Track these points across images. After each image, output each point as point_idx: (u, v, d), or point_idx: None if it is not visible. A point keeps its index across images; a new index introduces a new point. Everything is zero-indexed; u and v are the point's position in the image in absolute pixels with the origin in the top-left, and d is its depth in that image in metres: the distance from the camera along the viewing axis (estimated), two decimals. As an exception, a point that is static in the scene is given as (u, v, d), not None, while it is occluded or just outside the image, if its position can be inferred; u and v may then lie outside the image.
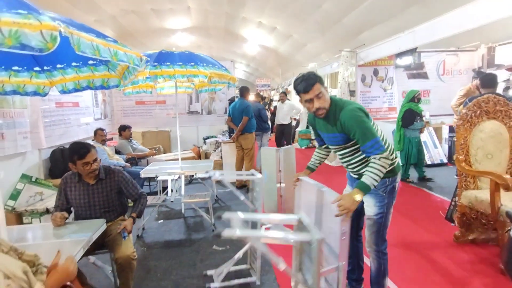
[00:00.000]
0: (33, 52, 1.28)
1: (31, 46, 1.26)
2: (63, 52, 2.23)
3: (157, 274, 2.71)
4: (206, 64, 3.46)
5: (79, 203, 2.31)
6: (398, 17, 6.04)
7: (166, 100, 7.13)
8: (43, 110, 4.34)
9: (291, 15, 8.36)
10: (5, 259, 1.21)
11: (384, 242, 1.95)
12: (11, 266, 1.19)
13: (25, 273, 1.22)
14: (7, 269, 1.16)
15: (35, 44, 1.26)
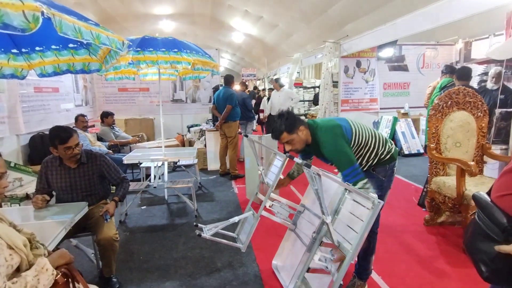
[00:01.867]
0: (16, 32, 1.29)
1: (13, 26, 1.27)
2: (42, 34, 2.21)
3: (140, 257, 2.77)
4: (190, 51, 3.46)
5: (60, 187, 2.32)
6: (381, 10, 6.18)
7: (150, 87, 7.05)
8: (21, 95, 4.23)
9: (277, 3, 8.35)
10: (9, 231, 1.26)
11: (377, 222, 2.07)
12: (14, 238, 1.24)
13: (25, 246, 1.27)
14: (10, 240, 1.21)
15: (17, 24, 1.28)
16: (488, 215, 1.03)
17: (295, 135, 1.88)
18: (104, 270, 2.28)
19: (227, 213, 3.73)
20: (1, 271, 1.16)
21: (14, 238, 1.26)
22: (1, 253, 1.18)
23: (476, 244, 1.06)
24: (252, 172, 3.98)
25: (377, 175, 2.00)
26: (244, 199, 4.15)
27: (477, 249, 1.05)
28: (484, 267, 1.02)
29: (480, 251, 1.04)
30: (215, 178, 5.23)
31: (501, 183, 1.06)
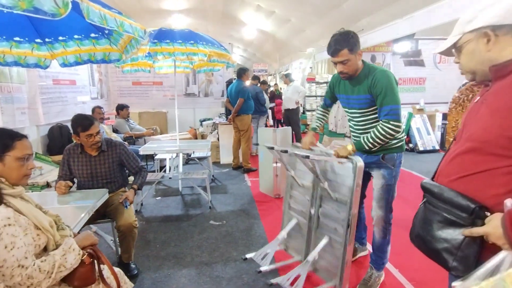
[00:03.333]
0: (46, 17, 1.32)
1: (43, 10, 1.30)
2: (65, 23, 2.26)
3: (156, 245, 2.82)
4: (206, 42, 3.48)
5: (81, 174, 2.38)
6: (398, 3, 6.04)
7: (163, 81, 7.11)
8: (41, 87, 4.33)
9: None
10: (36, 212, 1.30)
11: (390, 213, 2.06)
12: (41, 218, 1.28)
13: (51, 227, 1.31)
14: (37, 221, 1.25)
15: (48, 9, 1.30)
16: (447, 200, 0.97)
17: (353, 57, 1.79)
18: (123, 256, 2.33)
19: (240, 205, 3.75)
20: (29, 250, 1.19)
21: (40, 219, 1.30)
22: (29, 233, 1.22)
23: (434, 233, 1.00)
24: (266, 166, 3.99)
25: (386, 163, 1.98)
26: (257, 192, 4.16)
27: (437, 238, 0.99)
28: (449, 256, 0.96)
29: (441, 240, 0.97)
30: (228, 171, 5.26)
31: (454, 166, 1.02)
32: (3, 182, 1.24)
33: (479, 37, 0.96)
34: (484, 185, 0.93)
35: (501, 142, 0.89)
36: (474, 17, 0.96)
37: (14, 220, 1.16)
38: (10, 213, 1.17)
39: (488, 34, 0.94)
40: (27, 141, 1.35)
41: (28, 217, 1.25)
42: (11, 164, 1.26)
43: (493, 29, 0.93)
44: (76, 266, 1.32)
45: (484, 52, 0.96)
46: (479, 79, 1.03)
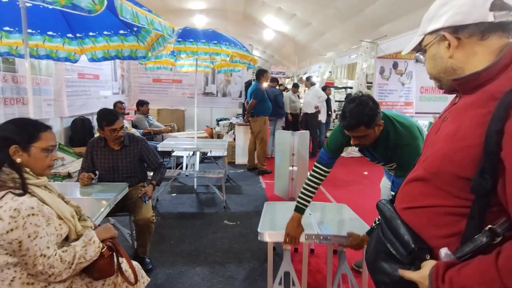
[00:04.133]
0: (83, 13, 1.35)
1: (80, 6, 1.34)
2: (97, 20, 2.32)
3: (171, 241, 2.85)
4: (229, 43, 3.50)
5: (103, 167, 2.43)
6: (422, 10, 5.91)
7: (183, 79, 7.20)
8: (67, 80, 4.47)
9: (312, 1, 8.23)
10: (59, 202, 1.33)
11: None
12: (63, 208, 1.31)
13: (72, 217, 1.34)
14: (59, 211, 1.28)
15: (85, 5, 1.34)
16: (393, 230, 0.86)
17: (372, 131, 1.49)
18: (139, 250, 2.36)
19: (254, 207, 3.74)
20: (51, 239, 1.22)
21: (63, 209, 1.33)
22: (52, 222, 1.25)
23: (379, 262, 0.90)
24: (282, 169, 3.97)
25: None
26: (272, 195, 4.15)
27: (379, 268, 0.89)
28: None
29: (382, 271, 0.88)
30: (243, 172, 5.27)
31: (405, 193, 0.89)
32: (28, 172, 1.27)
33: (439, 40, 0.78)
34: (428, 222, 0.79)
35: (447, 177, 0.74)
36: (434, 15, 0.79)
37: (37, 210, 1.19)
38: (34, 202, 1.20)
39: (446, 38, 0.76)
40: (52, 133, 1.38)
41: (51, 207, 1.28)
42: (36, 155, 1.29)
43: (454, 30, 0.74)
44: (95, 259, 1.34)
45: (446, 58, 0.78)
46: (446, 89, 0.85)
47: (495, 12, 0.69)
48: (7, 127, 1.26)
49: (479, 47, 0.73)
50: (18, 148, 1.24)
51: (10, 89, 3.42)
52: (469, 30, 0.73)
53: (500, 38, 0.72)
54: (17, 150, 1.24)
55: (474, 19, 0.71)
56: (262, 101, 4.96)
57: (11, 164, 1.22)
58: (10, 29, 2.31)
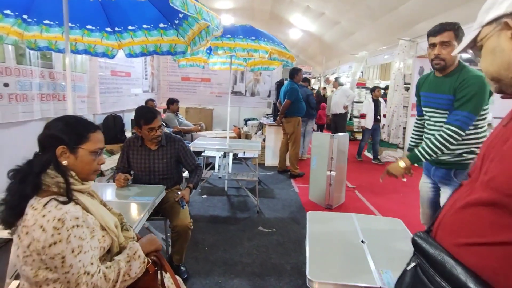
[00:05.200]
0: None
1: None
2: (137, 12, 2.19)
3: (205, 248, 2.69)
4: (267, 39, 3.32)
5: (139, 167, 2.31)
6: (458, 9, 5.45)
7: (211, 78, 7.11)
8: (100, 77, 4.45)
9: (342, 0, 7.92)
10: (103, 211, 1.19)
11: None
12: (107, 218, 1.17)
13: (115, 227, 1.20)
14: (103, 220, 1.14)
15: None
16: (446, 275, 0.64)
17: (455, 43, 1.61)
18: (174, 257, 2.22)
19: (289, 213, 3.54)
20: (95, 254, 1.07)
21: (107, 219, 1.19)
22: (96, 234, 1.10)
23: None
24: (319, 173, 3.73)
25: (454, 180, 1.75)
26: (307, 200, 3.92)
27: None
28: None
29: None
30: (273, 174, 5.07)
31: (462, 222, 0.67)
32: (73, 176, 1.13)
33: (500, 30, 0.67)
34: (503, 266, 0.59)
35: None
36: (494, 3, 0.68)
37: (82, 220, 1.05)
38: (79, 212, 1.06)
39: (510, 26, 0.64)
40: (101, 134, 1.24)
41: (95, 216, 1.14)
42: (83, 158, 1.15)
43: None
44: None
45: (508, 51, 0.65)
46: (507, 90, 0.70)
47: None
48: (56, 125, 1.13)
49: None
50: (65, 149, 1.11)
51: (47, 85, 3.41)
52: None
53: None
54: (64, 151, 1.11)
55: None
56: (296, 101, 4.73)
57: (57, 166, 1.09)
58: (50, 23, 2.24)
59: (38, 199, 1.04)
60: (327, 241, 2.09)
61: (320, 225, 2.27)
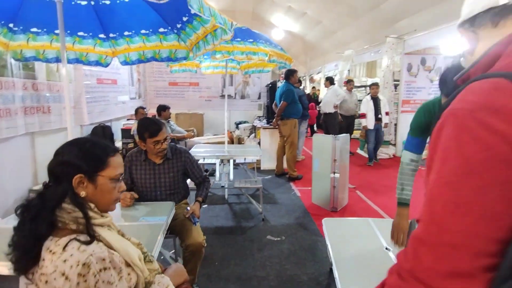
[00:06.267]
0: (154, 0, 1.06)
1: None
2: (134, 17, 2.04)
3: (215, 263, 2.56)
4: (265, 41, 3.22)
5: (143, 183, 2.14)
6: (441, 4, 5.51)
7: (200, 82, 6.93)
8: (86, 86, 4.21)
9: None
10: (125, 244, 1.04)
11: None
12: (131, 252, 1.02)
13: (140, 260, 1.05)
14: (128, 256, 0.99)
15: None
16: None
17: None
18: (187, 277, 2.07)
19: (295, 218, 3.45)
20: None
21: (132, 253, 1.04)
22: (123, 275, 0.95)
23: None
24: (321, 176, 3.66)
25: None
26: (310, 204, 3.85)
27: None
28: None
29: None
30: (271, 178, 4.97)
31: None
32: (92, 209, 0.98)
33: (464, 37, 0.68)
34: None
35: None
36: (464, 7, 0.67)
37: (109, 261, 0.90)
38: (104, 252, 0.90)
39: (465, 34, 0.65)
40: (120, 157, 1.08)
41: (119, 253, 0.98)
42: (103, 186, 1.00)
43: (471, 24, 0.63)
44: None
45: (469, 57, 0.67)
46: None
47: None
48: (70, 150, 0.97)
49: (494, 37, 0.58)
50: (83, 178, 0.95)
51: (30, 97, 3.17)
52: (480, 20, 0.61)
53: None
54: (82, 180, 0.95)
55: (483, 6, 0.59)
56: (293, 103, 4.65)
57: (74, 198, 0.93)
58: (37, 31, 2.04)
59: (55, 240, 0.88)
60: (350, 251, 2.02)
61: (338, 233, 2.19)
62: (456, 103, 0.49)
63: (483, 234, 0.42)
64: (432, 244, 0.45)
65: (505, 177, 0.41)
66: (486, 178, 0.42)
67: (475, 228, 0.42)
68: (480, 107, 0.45)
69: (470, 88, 0.50)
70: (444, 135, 0.48)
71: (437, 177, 0.48)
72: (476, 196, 0.43)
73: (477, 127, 0.44)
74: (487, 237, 0.42)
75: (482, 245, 0.42)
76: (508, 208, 0.41)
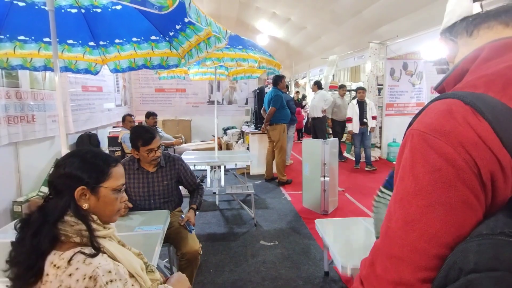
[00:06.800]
0: (153, 10, 1.08)
1: (150, 2, 1.05)
2: (125, 25, 2.03)
3: (210, 270, 2.54)
4: (254, 48, 3.26)
5: (137, 192, 2.12)
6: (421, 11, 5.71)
7: (186, 88, 6.90)
8: (70, 94, 4.12)
9: (307, 5, 8.09)
10: (128, 255, 1.03)
11: None
12: (134, 262, 1.01)
13: (142, 271, 1.05)
14: (131, 267, 0.98)
15: (155, 0, 1.06)
16: None
17: None
18: (183, 286, 2.05)
19: (287, 222, 3.47)
20: None
21: (135, 264, 1.04)
22: (128, 287, 0.94)
23: None
24: (312, 180, 3.71)
25: None
26: (301, 208, 3.88)
27: None
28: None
29: None
30: (261, 183, 4.98)
31: None
32: (95, 221, 0.97)
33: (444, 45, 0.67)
34: None
35: None
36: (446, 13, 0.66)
37: (115, 273, 0.89)
38: (110, 263, 0.90)
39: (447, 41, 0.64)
40: (121, 167, 1.07)
41: (123, 264, 0.98)
42: (106, 198, 0.99)
43: (450, 32, 0.62)
44: None
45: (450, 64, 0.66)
46: None
47: (482, 1, 0.55)
48: (71, 162, 0.95)
49: (469, 46, 0.57)
50: (85, 189, 0.94)
51: (14, 106, 3.07)
52: (456, 29, 0.59)
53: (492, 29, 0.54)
54: (84, 192, 0.94)
55: (458, 15, 0.58)
56: (281, 108, 4.70)
57: (77, 211, 0.92)
58: (25, 39, 1.99)
59: (59, 254, 0.87)
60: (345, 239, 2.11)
61: (332, 229, 2.26)
62: (416, 123, 0.50)
63: (425, 250, 0.44)
64: (385, 254, 0.48)
65: (446, 199, 0.44)
66: (431, 198, 0.44)
67: (418, 244, 0.45)
68: (431, 129, 0.46)
69: (429, 108, 0.51)
70: (404, 153, 0.50)
71: (395, 193, 0.50)
72: (421, 215, 0.45)
73: (427, 148, 0.46)
74: (428, 253, 0.44)
75: (423, 260, 0.44)
76: (449, 228, 0.43)
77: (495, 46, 0.52)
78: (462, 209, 0.44)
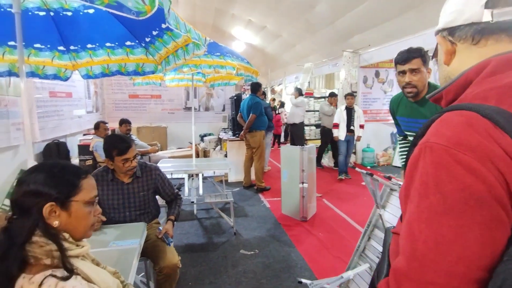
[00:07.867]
0: (130, 15, 1.03)
1: (127, 7, 1.01)
2: (99, 30, 1.95)
3: (189, 283, 2.46)
4: (232, 55, 3.24)
5: (111, 205, 2.01)
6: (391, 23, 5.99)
7: (162, 94, 6.75)
8: (37, 100, 3.90)
9: (282, 14, 8.25)
10: (104, 274, 0.96)
11: None
12: (110, 282, 0.94)
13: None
14: (107, 286, 0.91)
15: (132, 5, 1.02)
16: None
17: (424, 70, 1.65)
18: (161, 302, 1.96)
19: (266, 230, 3.44)
20: None
21: (111, 284, 0.97)
22: None
23: None
24: (290, 186, 3.72)
25: None
26: (280, 215, 3.87)
27: None
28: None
29: None
30: (239, 190, 4.93)
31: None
32: (67, 239, 0.89)
33: (441, 44, 0.64)
34: None
35: None
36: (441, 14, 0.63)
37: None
38: (85, 286, 0.83)
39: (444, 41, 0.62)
40: (92, 179, 1.00)
41: (99, 286, 0.91)
42: (78, 213, 0.91)
43: (450, 32, 0.60)
44: None
45: (444, 65, 0.64)
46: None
47: (494, 9, 0.52)
48: (36, 178, 0.87)
49: (472, 54, 0.56)
50: (54, 206, 0.86)
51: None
52: (460, 33, 0.57)
53: (500, 43, 0.53)
54: (53, 209, 0.86)
55: (465, 19, 0.55)
56: (260, 115, 4.71)
57: (46, 230, 0.84)
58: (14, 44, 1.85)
59: (28, 278, 0.79)
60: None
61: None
62: (432, 136, 0.48)
63: (464, 275, 0.42)
64: (415, 280, 0.45)
65: (480, 217, 0.41)
66: (464, 218, 0.42)
67: (456, 269, 0.42)
68: (455, 143, 0.44)
69: (444, 120, 0.49)
70: (421, 167, 0.47)
71: (417, 211, 0.47)
72: (456, 236, 0.42)
73: (453, 164, 0.43)
74: (467, 278, 0.42)
75: (463, 285, 0.42)
76: (486, 249, 0.41)
77: (503, 60, 0.50)
78: (496, 227, 0.41)
